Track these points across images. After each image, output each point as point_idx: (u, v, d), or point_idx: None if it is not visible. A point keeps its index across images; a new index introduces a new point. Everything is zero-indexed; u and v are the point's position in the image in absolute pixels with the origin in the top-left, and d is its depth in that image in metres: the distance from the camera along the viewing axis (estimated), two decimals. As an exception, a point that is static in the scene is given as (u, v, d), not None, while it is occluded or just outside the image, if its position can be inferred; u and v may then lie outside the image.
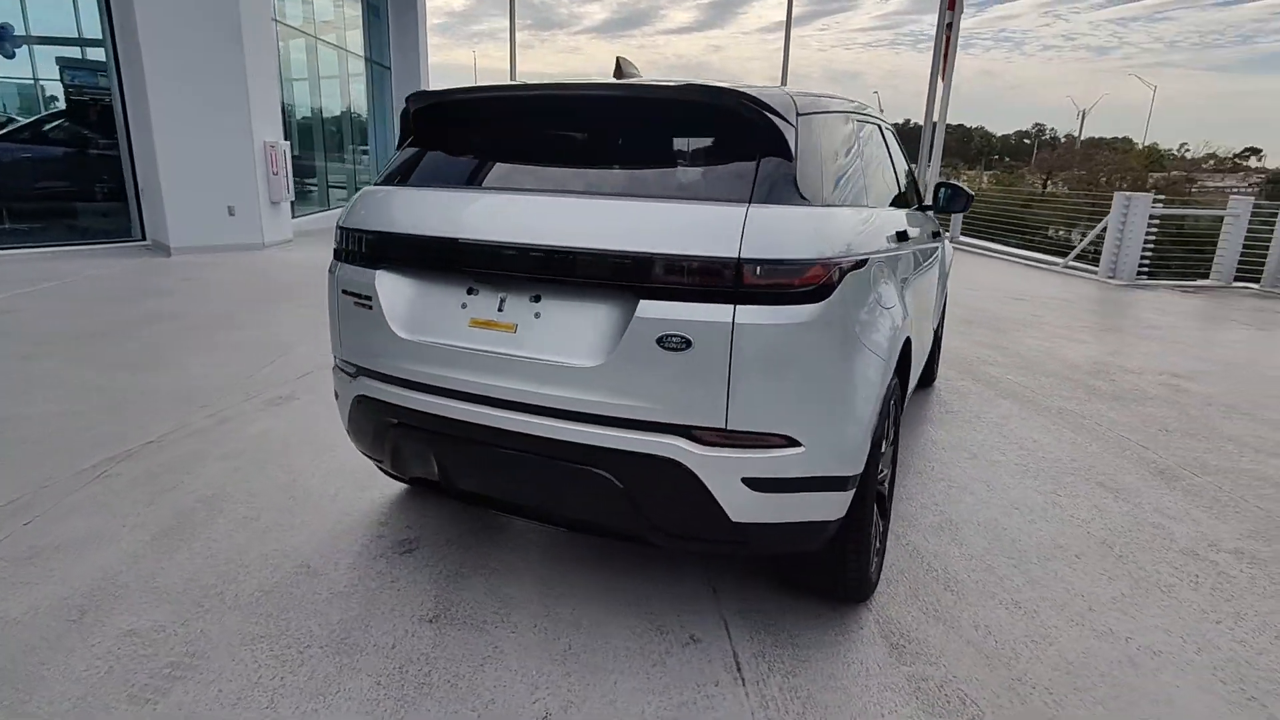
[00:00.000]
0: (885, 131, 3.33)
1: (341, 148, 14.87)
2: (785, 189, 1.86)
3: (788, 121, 1.92)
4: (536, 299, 1.94)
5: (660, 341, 1.76)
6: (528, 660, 2.06)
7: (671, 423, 1.80)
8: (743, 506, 1.83)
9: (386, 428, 2.19)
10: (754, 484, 1.81)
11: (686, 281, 1.74)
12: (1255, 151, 76.87)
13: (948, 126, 14.33)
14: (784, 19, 17.48)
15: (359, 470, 3.21)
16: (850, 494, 1.95)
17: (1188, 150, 70.92)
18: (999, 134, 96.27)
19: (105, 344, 5.07)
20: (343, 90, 14.86)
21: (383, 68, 16.48)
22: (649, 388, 1.79)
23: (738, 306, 1.73)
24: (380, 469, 2.89)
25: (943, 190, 3.80)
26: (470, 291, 2.04)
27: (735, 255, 1.72)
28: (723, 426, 1.78)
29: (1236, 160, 70.36)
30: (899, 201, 3.23)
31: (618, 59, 2.42)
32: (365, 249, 2.18)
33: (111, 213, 9.44)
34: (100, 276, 7.52)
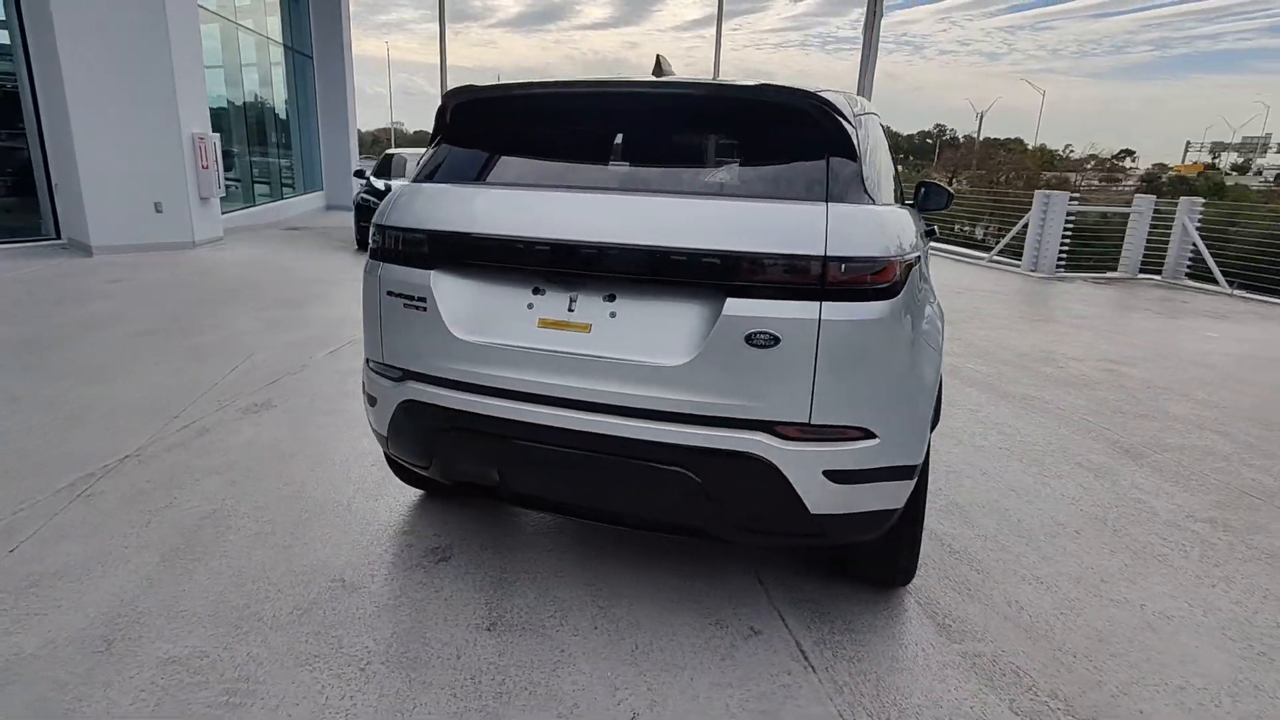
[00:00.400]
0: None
1: (264, 141, 14.14)
2: (855, 188, 1.91)
3: (850, 122, 1.98)
4: (611, 298, 1.93)
5: (748, 339, 1.78)
6: (599, 662, 2.05)
7: (755, 419, 1.83)
8: (822, 499, 1.88)
9: (440, 432, 2.12)
10: (834, 476, 1.86)
11: (774, 279, 1.77)
12: (1130, 153, 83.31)
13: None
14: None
15: (365, 479, 3.09)
16: (913, 483, 2.03)
17: (1072, 151, 76.12)
18: (904, 134, 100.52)
19: (47, 353, 4.68)
20: (264, 80, 14.13)
21: (304, 56, 15.77)
22: (735, 385, 1.81)
23: (823, 304, 1.77)
24: (406, 474, 2.81)
25: (923, 188, 3.98)
26: (537, 291, 2.01)
27: (822, 253, 1.76)
28: (806, 421, 1.82)
29: (1114, 161, 75.94)
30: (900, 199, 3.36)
31: (658, 57, 2.42)
32: (418, 249, 2.11)
33: (19, 209, 8.68)
34: (17, 279, 6.91)
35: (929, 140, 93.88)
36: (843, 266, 1.77)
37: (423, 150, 12.73)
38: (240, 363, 4.64)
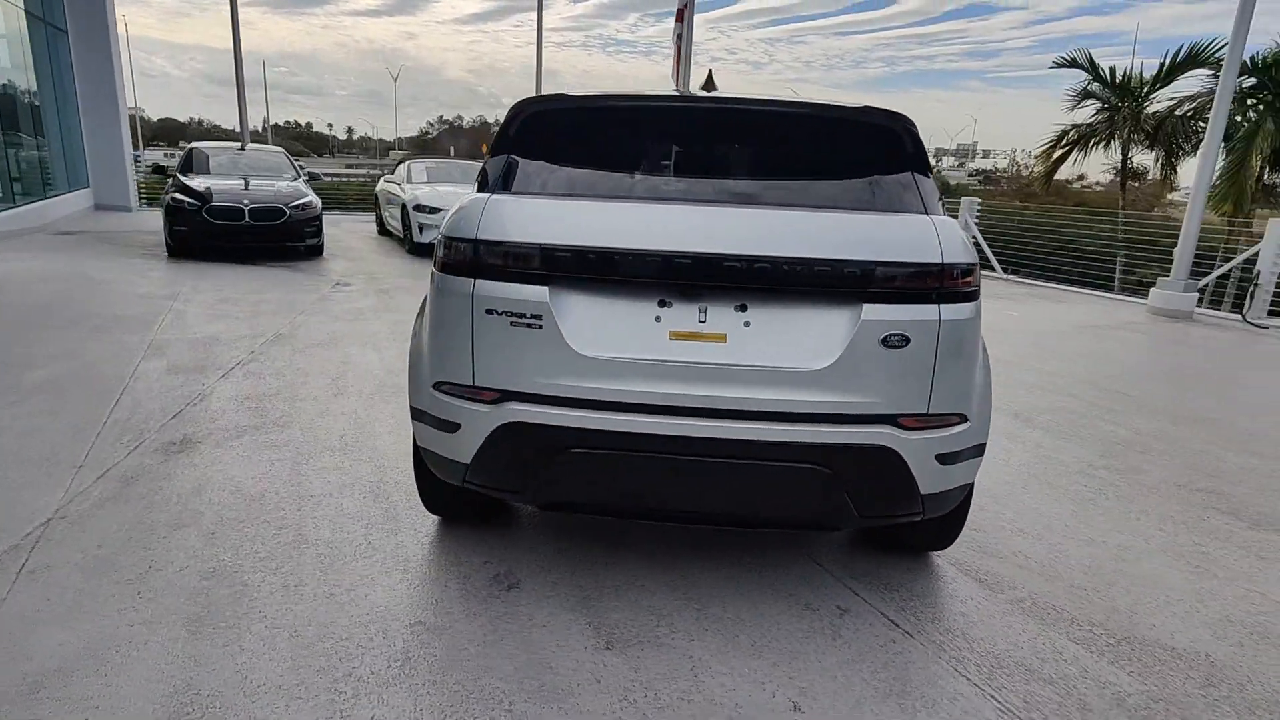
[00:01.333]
0: None
1: (15, 129, 11.73)
2: (936, 200, 2.15)
3: (920, 139, 2.20)
4: (743, 308, 1.99)
5: (884, 341, 1.94)
6: (731, 661, 2.10)
7: (884, 413, 2.00)
8: (931, 480, 2.09)
9: (552, 453, 2.04)
10: (942, 459, 2.08)
11: (906, 286, 1.95)
12: None
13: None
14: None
15: (367, 513, 2.83)
16: (982, 458, 2.32)
17: None
18: None
19: None
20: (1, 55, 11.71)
21: (56, 29, 13.28)
22: (870, 383, 1.96)
23: (941, 305, 1.98)
24: (437, 502, 2.65)
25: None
26: (663, 304, 2.00)
27: (940, 261, 1.97)
28: (925, 411, 2.03)
29: None
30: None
31: (709, 73, 2.48)
32: (528, 264, 2.00)
33: None
34: None
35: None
36: (955, 271, 1.99)
37: (223, 145, 11.38)
38: (119, 396, 3.94)
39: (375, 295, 7.08)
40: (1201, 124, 12.68)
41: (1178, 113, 13.61)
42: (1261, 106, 12.24)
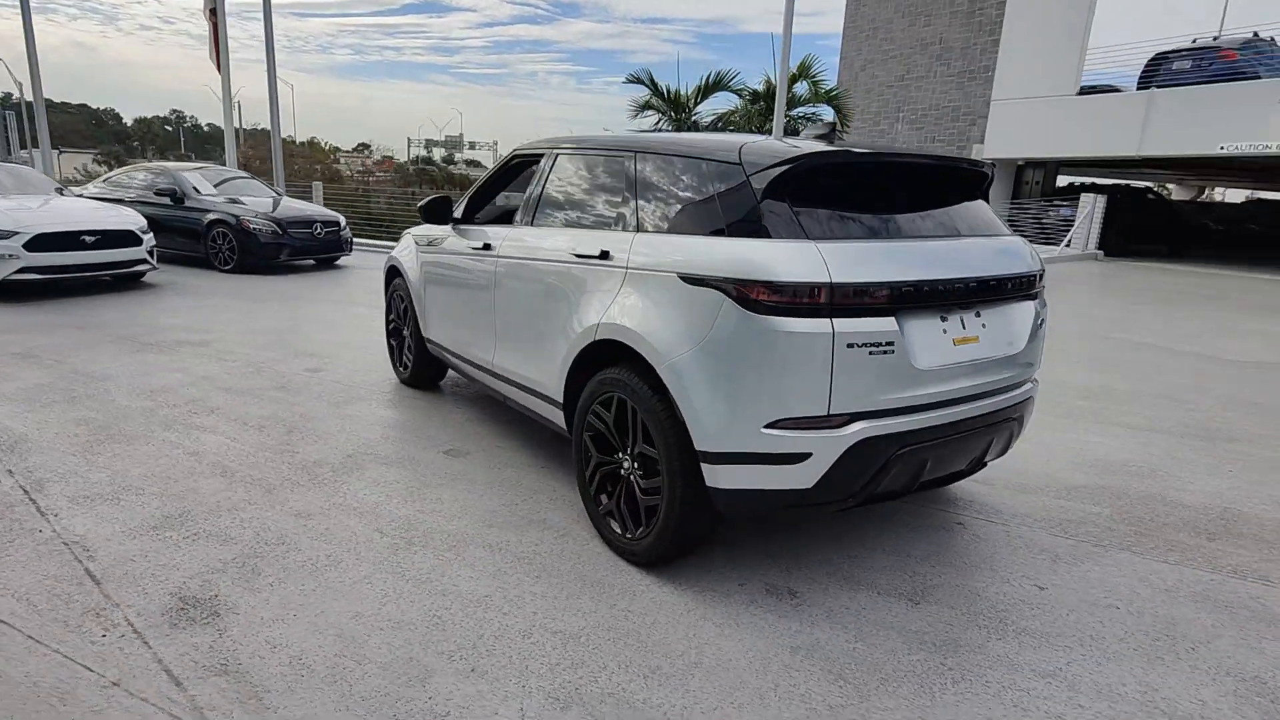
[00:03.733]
0: None
1: None
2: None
3: None
4: (978, 314, 2.62)
5: (1039, 326, 2.83)
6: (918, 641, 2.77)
7: (1033, 376, 2.90)
8: (1029, 419, 3.09)
9: (894, 457, 2.39)
10: (1033, 406, 3.09)
11: (1039, 287, 2.86)
12: (367, 146, 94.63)
13: (69, 106, 14.06)
14: None
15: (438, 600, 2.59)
16: None
17: (326, 142, 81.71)
18: (131, 117, 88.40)
19: None
20: None
21: None
22: (1034, 355, 2.83)
23: (1035, 300, 2.95)
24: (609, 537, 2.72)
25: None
26: (943, 319, 2.49)
27: (1040, 269, 2.93)
28: (1038, 368, 3.00)
29: (358, 153, 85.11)
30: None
31: (833, 125, 2.90)
32: (878, 299, 2.28)
33: None
34: None
35: (168, 127, 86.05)
36: (1040, 275, 2.98)
37: None
38: None
39: None
40: (731, 130, 16.83)
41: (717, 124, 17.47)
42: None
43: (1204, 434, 4.54)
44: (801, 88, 14.66)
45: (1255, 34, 15.41)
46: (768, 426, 2.32)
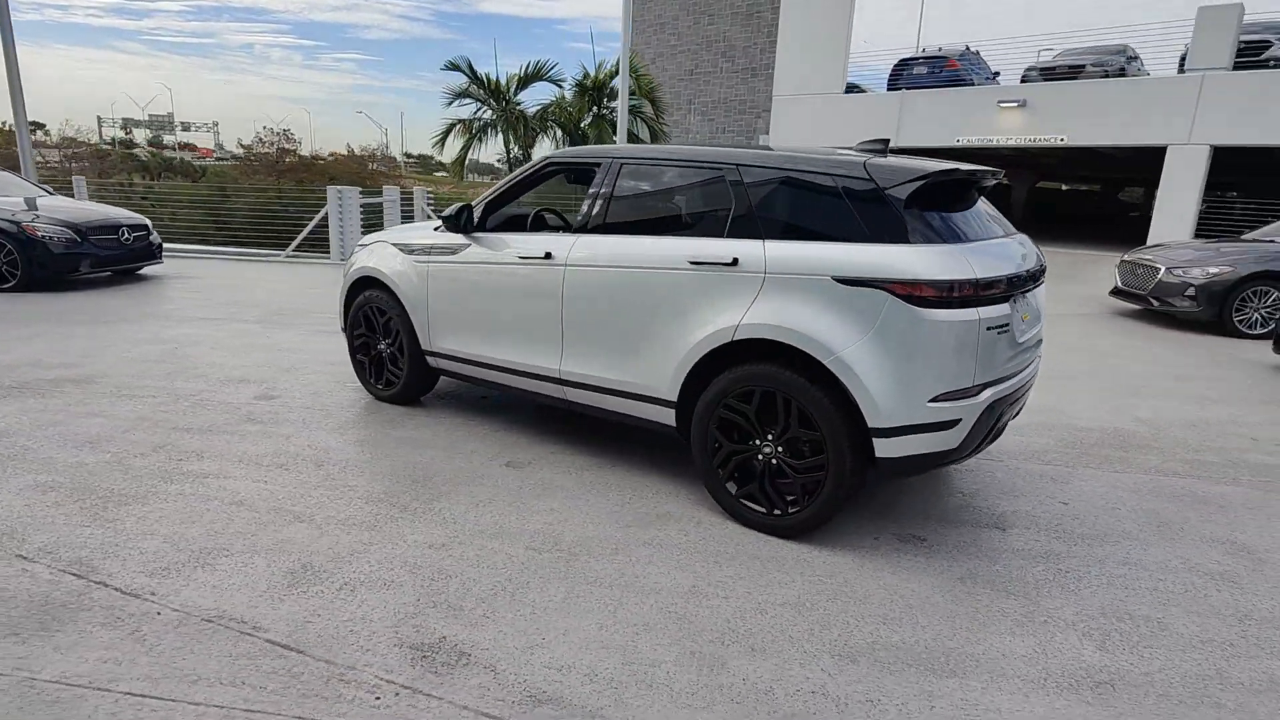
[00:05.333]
0: None
1: None
2: None
3: None
4: (1026, 297, 3.26)
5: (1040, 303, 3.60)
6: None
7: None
8: None
9: (994, 415, 2.96)
10: None
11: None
12: (39, 126, 78.97)
13: None
14: None
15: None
16: None
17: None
18: None
19: None
20: None
21: None
22: (1038, 321, 3.60)
23: None
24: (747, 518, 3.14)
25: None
26: (1013, 303, 3.10)
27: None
28: None
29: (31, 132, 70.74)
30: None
31: (887, 141, 3.33)
32: (1000, 290, 2.81)
33: None
34: None
35: None
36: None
37: None
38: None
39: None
40: (551, 122, 16.86)
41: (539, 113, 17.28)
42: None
43: (1050, 375, 5.83)
44: (616, 81, 15.26)
45: (967, 47, 18.89)
46: (932, 401, 2.78)
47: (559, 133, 16.44)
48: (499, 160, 17.55)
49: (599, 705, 2.09)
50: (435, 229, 4.41)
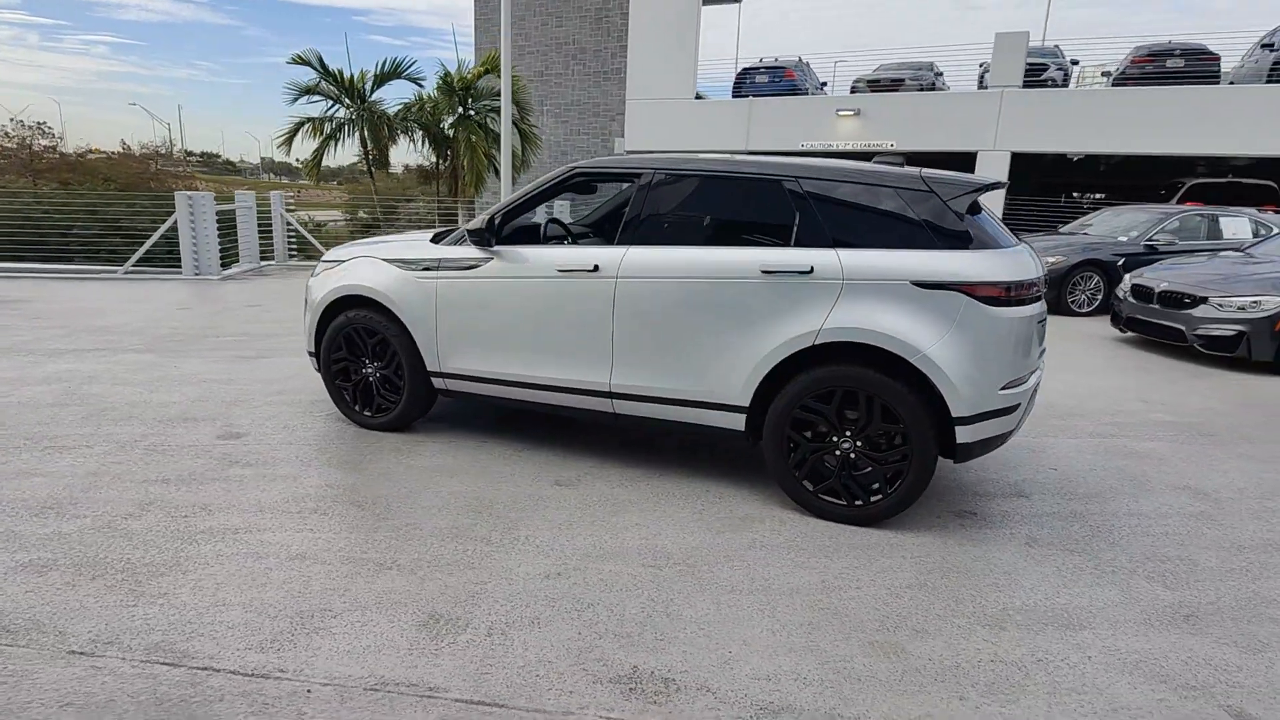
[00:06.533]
0: None
1: None
2: None
3: None
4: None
5: None
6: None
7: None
8: None
9: (1032, 397, 3.37)
10: None
11: None
12: None
13: None
14: None
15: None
16: None
17: None
18: None
19: None
20: None
21: None
22: None
23: None
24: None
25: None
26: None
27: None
28: None
29: None
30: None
31: (904, 162, 3.61)
32: (1039, 289, 3.21)
33: None
34: None
35: None
36: None
37: None
38: None
39: None
40: (412, 122, 15.79)
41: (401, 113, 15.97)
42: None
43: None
44: (483, 82, 14.76)
45: (799, 58, 20.45)
46: (1002, 388, 3.11)
47: (421, 134, 15.61)
48: (357, 160, 16.34)
49: (830, 706, 2.16)
50: (432, 241, 4.16)
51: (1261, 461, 4.33)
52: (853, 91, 18.91)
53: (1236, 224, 10.12)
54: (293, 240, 12.47)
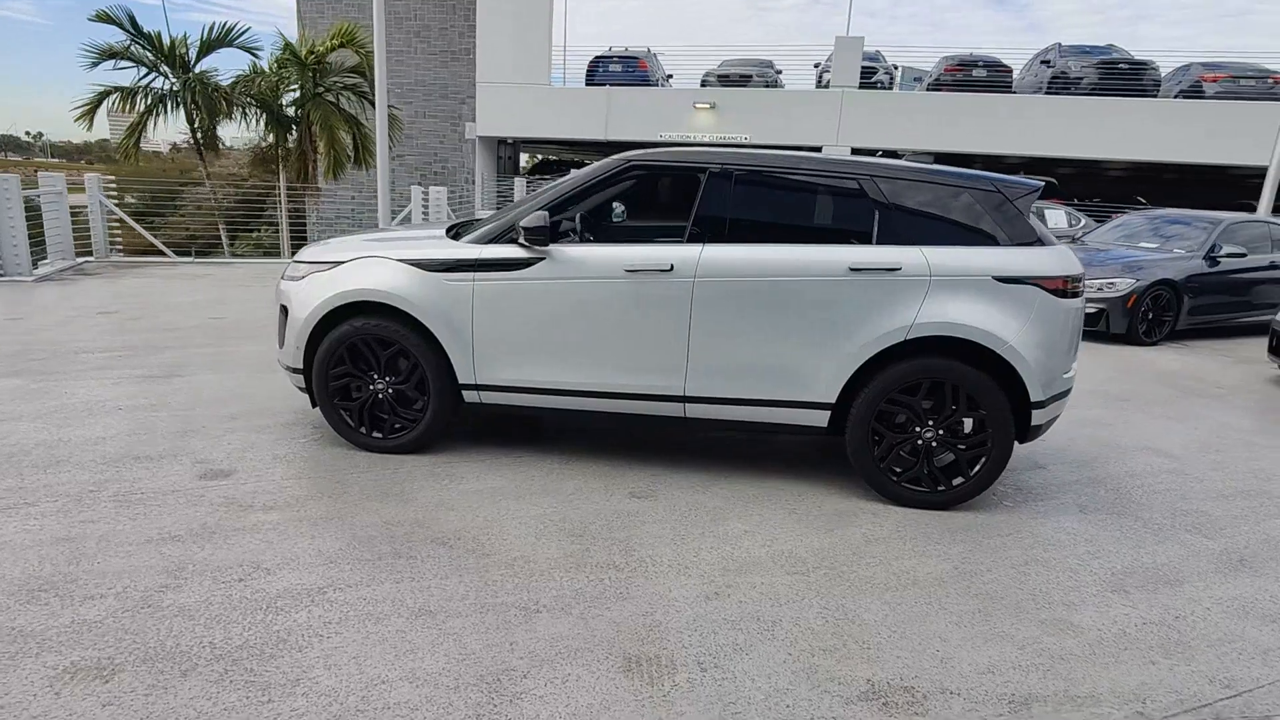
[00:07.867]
0: None
1: None
2: None
3: None
4: None
5: None
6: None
7: None
8: None
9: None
10: None
11: None
12: None
13: None
14: None
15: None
16: None
17: None
18: None
19: None
20: None
21: None
22: None
23: None
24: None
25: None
26: None
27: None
28: None
29: None
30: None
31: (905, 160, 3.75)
32: (1084, 282, 3.50)
33: None
34: None
35: None
36: None
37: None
38: None
39: None
40: (249, 98, 13.68)
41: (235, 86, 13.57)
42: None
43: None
44: (334, 56, 13.25)
45: (649, 49, 20.74)
46: (1065, 373, 3.40)
47: (259, 111, 13.70)
48: (183, 138, 14.02)
49: (1061, 688, 2.25)
50: (450, 237, 3.75)
51: (1181, 420, 5.14)
52: (703, 85, 19.53)
53: (1055, 215, 11.81)
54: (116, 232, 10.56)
